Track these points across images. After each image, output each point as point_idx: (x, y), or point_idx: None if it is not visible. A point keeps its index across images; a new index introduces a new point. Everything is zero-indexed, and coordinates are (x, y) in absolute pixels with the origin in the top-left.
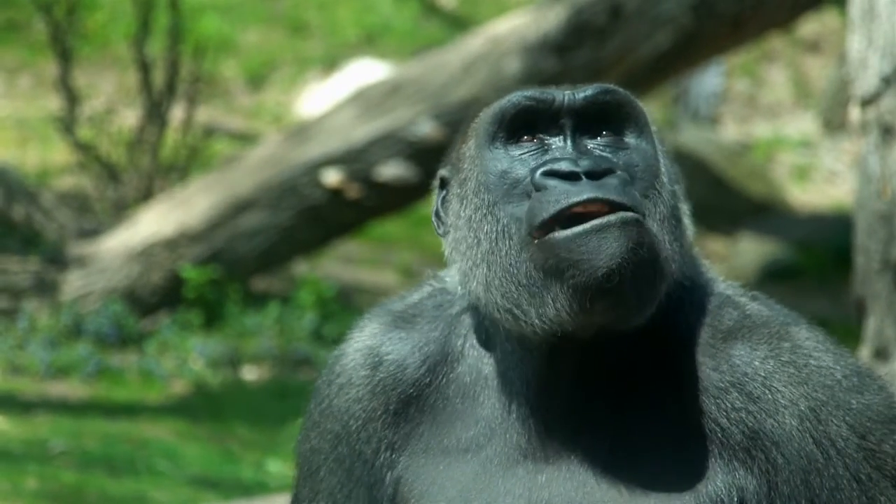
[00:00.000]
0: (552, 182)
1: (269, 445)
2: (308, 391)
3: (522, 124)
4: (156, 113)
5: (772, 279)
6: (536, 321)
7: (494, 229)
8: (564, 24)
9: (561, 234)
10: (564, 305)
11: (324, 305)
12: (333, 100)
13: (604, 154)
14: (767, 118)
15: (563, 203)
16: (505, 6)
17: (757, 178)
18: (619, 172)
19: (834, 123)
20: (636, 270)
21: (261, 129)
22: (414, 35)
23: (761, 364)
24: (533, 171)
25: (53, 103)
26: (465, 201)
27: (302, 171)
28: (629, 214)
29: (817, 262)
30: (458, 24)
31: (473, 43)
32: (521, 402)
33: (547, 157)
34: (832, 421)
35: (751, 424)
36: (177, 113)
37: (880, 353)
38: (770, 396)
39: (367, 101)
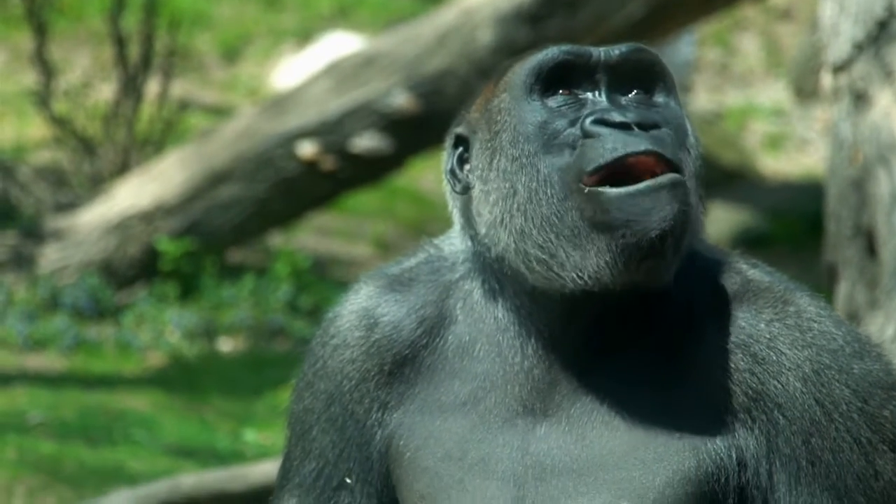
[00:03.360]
0: (605, 130)
1: (245, 415)
2: (283, 362)
3: (558, 78)
4: (131, 87)
5: (744, 247)
6: (573, 273)
7: (535, 178)
8: None
9: (613, 190)
10: (609, 262)
11: (299, 277)
12: (308, 72)
13: (641, 109)
14: (739, 87)
15: (622, 151)
16: None
17: (729, 147)
18: (664, 128)
19: (805, 91)
20: (681, 232)
21: (235, 102)
22: (387, 7)
23: (766, 327)
24: (574, 121)
25: (29, 78)
26: (498, 153)
27: (277, 144)
28: (678, 176)
29: (789, 229)
30: None
31: (446, 14)
32: (527, 355)
33: (586, 109)
34: (835, 384)
35: (754, 385)
36: (152, 87)
37: (851, 318)
38: (774, 358)
39: (341, 73)
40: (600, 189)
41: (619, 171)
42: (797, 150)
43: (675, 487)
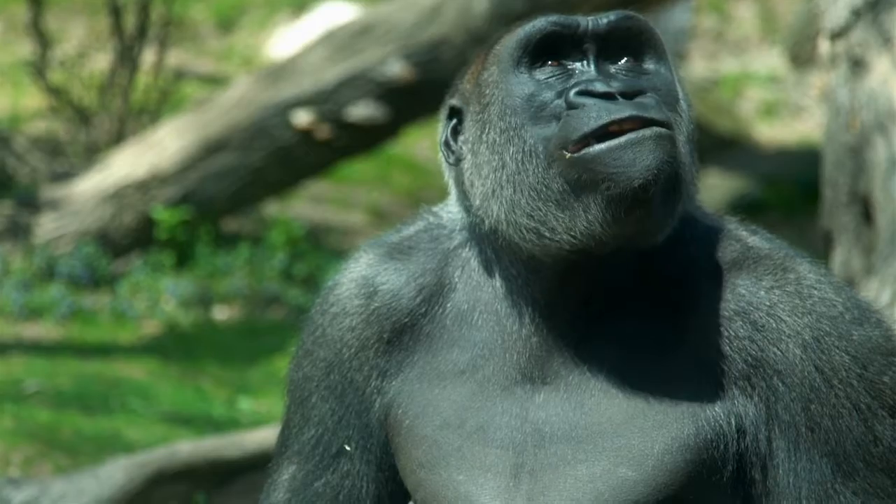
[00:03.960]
0: (589, 100)
1: (240, 383)
2: (278, 330)
3: (546, 49)
4: (127, 56)
5: (739, 214)
6: (565, 236)
7: (521, 150)
8: None
9: (596, 147)
10: (598, 216)
11: (294, 245)
12: (303, 41)
13: (629, 78)
14: (735, 54)
15: (605, 119)
16: None
17: (724, 114)
18: (649, 94)
19: (801, 58)
20: (667, 183)
21: (231, 71)
22: None
23: (766, 294)
24: (561, 92)
25: (25, 48)
26: (488, 126)
27: (272, 113)
28: (662, 130)
29: (784, 196)
30: None
31: None
32: (525, 323)
33: (573, 80)
34: (835, 351)
35: (754, 353)
36: (148, 56)
37: (847, 285)
38: (774, 325)
39: (337, 42)
40: (583, 151)
41: (603, 137)
42: (793, 118)
43: (673, 454)
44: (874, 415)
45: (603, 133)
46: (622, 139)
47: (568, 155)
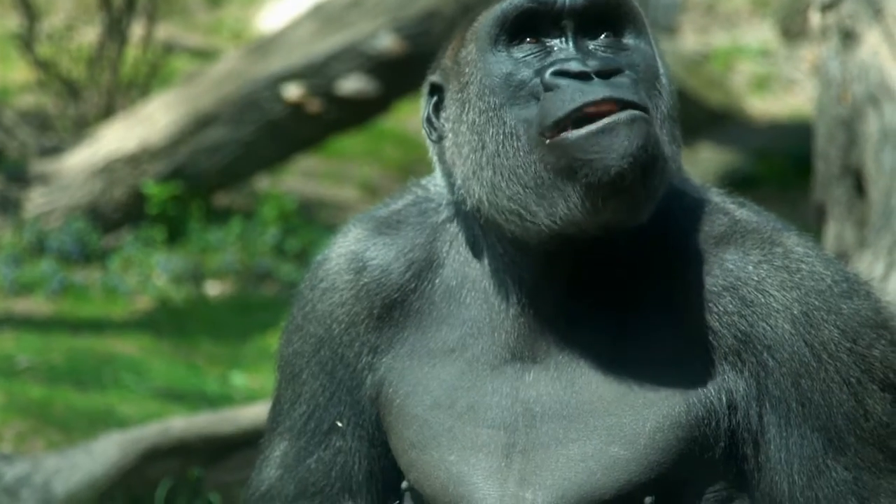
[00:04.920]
0: (563, 82)
1: (233, 359)
2: (271, 305)
3: (524, 27)
4: (115, 29)
5: (731, 188)
6: (546, 221)
7: (501, 132)
8: None
9: (573, 134)
10: (577, 204)
11: (286, 220)
12: (293, 15)
13: (607, 55)
14: (726, 27)
15: (579, 101)
16: None
17: (716, 88)
18: (626, 72)
19: (792, 31)
20: (645, 167)
21: (220, 45)
22: None
23: (755, 269)
24: (540, 71)
25: (12, 21)
26: (467, 105)
27: (263, 86)
28: (637, 113)
29: (777, 170)
30: None
31: None
32: (512, 302)
33: (551, 58)
34: (824, 326)
35: (743, 328)
36: (136, 30)
37: (840, 258)
38: (763, 300)
39: (327, 14)
40: (561, 136)
41: (581, 120)
42: (784, 91)
43: (665, 432)
44: (864, 389)
45: (579, 117)
46: (597, 125)
47: (547, 141)
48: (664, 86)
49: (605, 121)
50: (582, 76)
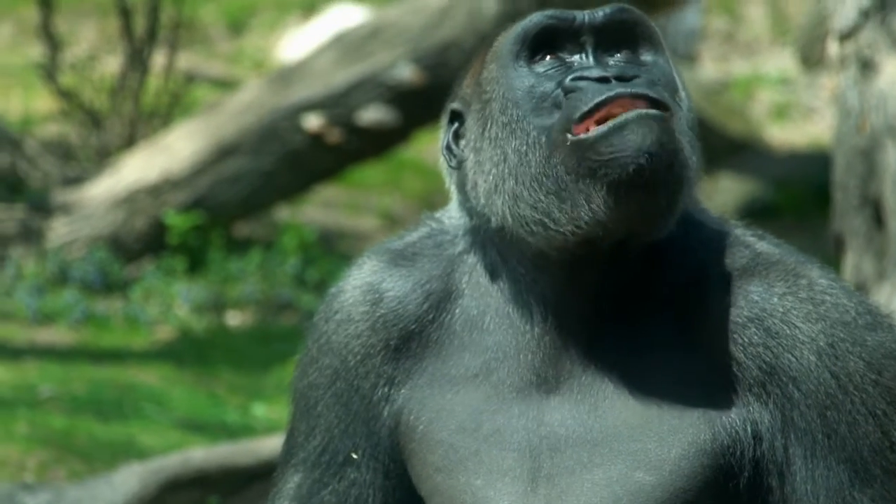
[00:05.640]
0: (584, 84)
1: (254, 389)
2: (291, 335)
3: (544, 43)
4: (137, 59)
5: (750, 217)
6: (570, 227)
7: (525, 142)
8: None
9: (592, 133)
10: (599, 204)
11: (306, 250)
12: (313, 44)
13: (626, 66)
14: (745, 56)
15: (599, 97)
16: None
17: (735, 117)
18: (644, 77)
19: (812, 60)
20: (666, 162)
21: (241, 74)
22: None
23: (779, 301)
24: (561, 82)
25: (35, 50)
26: (489, 121)
27: (283, 117)
28: (658, 111)
29: (796, 199)
30: None
31: None
32: (537, 321)
33: (572, 71)
34: (850, 357)
35: (768, 359)
36: (158, 59)
37: (859, 289)
38: (789, 332)
39: (347, 45)
40: (581, 136)
41: (603, 119)
42: (804, 119)
43: (690, 459)
44: (890, 420)
45: (600, 117)
46: (616, 121)
47: (568, 141)
48: (682, 100)
49: (624, 116)
50: (602, 80)
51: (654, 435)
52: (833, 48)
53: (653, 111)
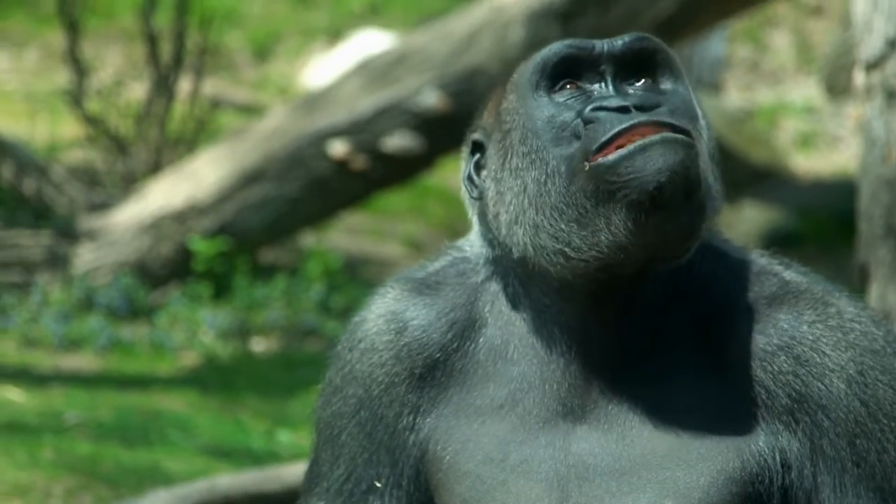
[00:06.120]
0: (603, 114)
1: (279, 416)
2: (316, 362)
3: (564, 72)
4: (163, 85)
5: (775, 246)
6: (591, 252)
7: (544, 171)
8: None
9: (610, 156)
10: (619, 226)
11: (331, 277)
12: (339, 71)
13: (645, 94)
14: (770, 84)
15: (618, 126)
16: None
17: (760, 145)
18: (665, 107)
19: (837, 89)
20: (684, 186)
21: (266, 100)
22: (418, 5)
23: (809, 329)
24: (581, 112)
25: (61, 76)
26: (509, 152)
27: (308, 143)
28: (677, 135)
29: (820, 228)
30: None
31: (478, 12)
32: (562, 351)
33: (592, 101)
34: (879, 385)
35: (798, 387)
36: (184, 85)
37: (885, 318)
38: (818, 360)
39: (373, 71)
40: (600, 160)
41: (622, 146)
42: (829, 148)
43: (719, 488)
44: None
45: (619, 145)
46: (637, 143)
47: (586, 167)
48: (703, 128)
49: (641, 140)
50: (622, 109)
51: (683, 463)
52: (859, 78)
53: (674, 134)
